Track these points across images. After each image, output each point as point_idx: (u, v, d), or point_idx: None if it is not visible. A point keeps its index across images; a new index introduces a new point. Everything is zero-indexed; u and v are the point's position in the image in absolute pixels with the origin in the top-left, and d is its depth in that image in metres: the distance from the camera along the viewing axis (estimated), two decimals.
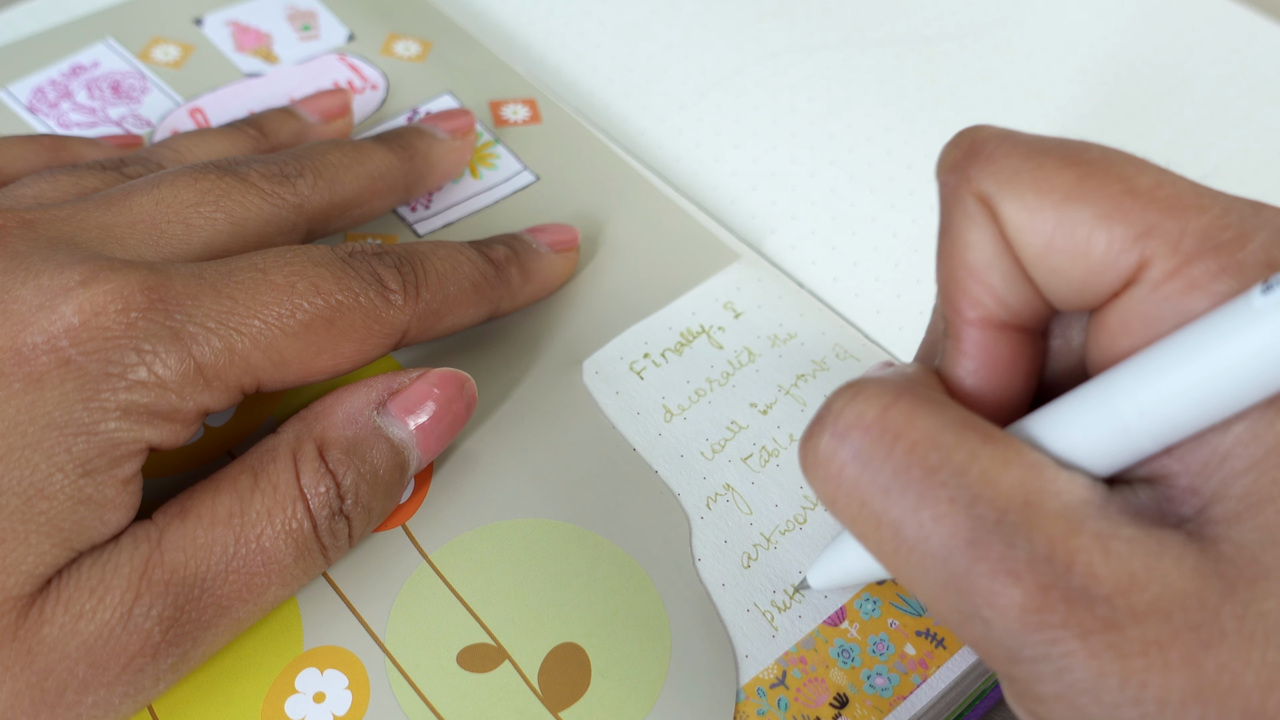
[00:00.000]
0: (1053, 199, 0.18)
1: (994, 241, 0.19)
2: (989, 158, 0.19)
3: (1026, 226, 0.19)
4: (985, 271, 0.20)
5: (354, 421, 0.24)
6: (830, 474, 0.19)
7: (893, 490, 0.18)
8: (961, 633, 0.18)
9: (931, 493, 0.17)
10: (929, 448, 0.18)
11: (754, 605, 0.25)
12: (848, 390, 0.19)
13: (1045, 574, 0.16)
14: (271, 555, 0.22)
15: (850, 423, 0.18)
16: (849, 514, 0.19)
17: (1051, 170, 0.19)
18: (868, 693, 0.24)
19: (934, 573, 0.17)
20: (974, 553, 0.17)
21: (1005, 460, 0.17)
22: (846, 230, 0.34)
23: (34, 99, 0.35)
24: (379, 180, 0.29)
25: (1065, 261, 0.19)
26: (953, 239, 0.20)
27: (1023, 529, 0.17)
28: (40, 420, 0.21)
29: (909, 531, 0.17)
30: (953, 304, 0.20)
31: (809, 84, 0.39)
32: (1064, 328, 0.21)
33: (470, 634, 0.24)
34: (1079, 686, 0.16)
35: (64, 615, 0.21)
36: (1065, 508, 0.17)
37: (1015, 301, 0.20)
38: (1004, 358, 0.20)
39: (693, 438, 0.28)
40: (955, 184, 0.20)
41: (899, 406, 0.18)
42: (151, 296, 0.22)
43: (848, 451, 0.18)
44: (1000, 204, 0.19)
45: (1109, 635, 0.16)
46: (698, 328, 0.30)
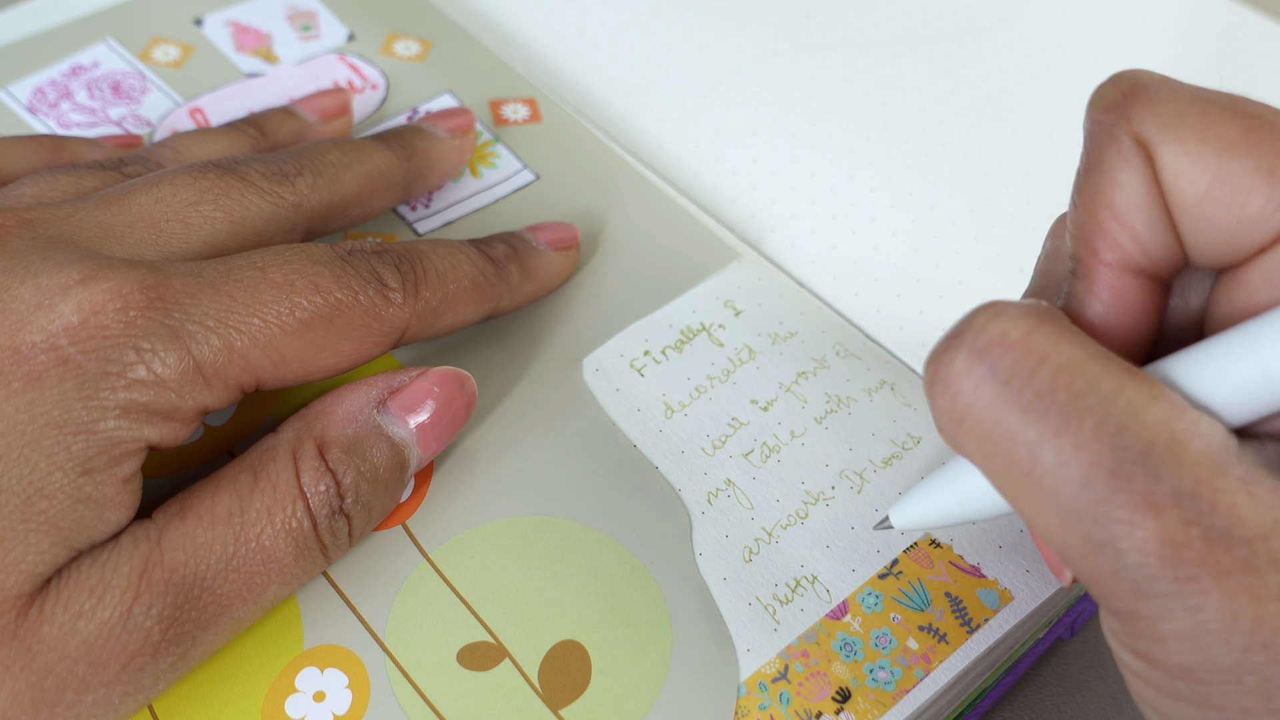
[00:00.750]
0: (1216, 147, 0.18)
1: (1145, 185, 0.19)
2: (1151, 100, 0.19)
3: (1185, 173, 0.18)
4: (1131, 214, 0.19)
5: (354, 420, 0.24)
6: (963, 391, 0.18)
7: (1034, 411, 0.17)
8: (1085, 564, 0.17)
9: (1076, 418, 0.17)
10: (1075, 373, 0.17)
11: (755, 599, 0.25)
12: (989, 308, 0.19)
13: (1189, 510, 0.16)
14: (271, 554, 0.22)
15: (992, 339, 0.18)
16: (978, 433, 0.18)
17: (1217, 119, 0.18)
18: (870, 687, 0.24)
19: (1067, 500, 0.17)
20: (1116, 483, 0.17)
21: (1151, 396, 0.17)
22: (846, 229, 0.34)
23: (34, 99, 0.35)
24: (378, 179, 0.29)
25: (1219, 212, 0.18)
26: (1100, 178, 0.20)
27: (1169, 463, 0.16)
28: (39, 419, 0.21)
29: (1046, 456, 0.17)
30: (1089, 244, 0.20)
31: (809, 84, 0.39)
32: (1184, 286, 0.21)
33: (470, 632, 0.24)
34: (1208, 627, 0.16)
35: (64, 614, 0.20)
36: (1209, 449, 0.17)
37: (1155, 248, 0.19)
38: (1134, 304, 0.20)
39: (693, 434, 0.28)
40: (1112, 123, 0.19)
41: (1045, 330, 0.18)
42: (150, 295, 0.22)
43: (986, 368, 0.18)
44: (1160, 147, 0.19)
45: (1247, 578, 0.16)
46: (698, 325, 0.30)
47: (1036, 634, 0.27)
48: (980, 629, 0.25)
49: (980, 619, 0.25)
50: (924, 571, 0.25)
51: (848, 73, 0.39)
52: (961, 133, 0.37)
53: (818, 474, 0.27)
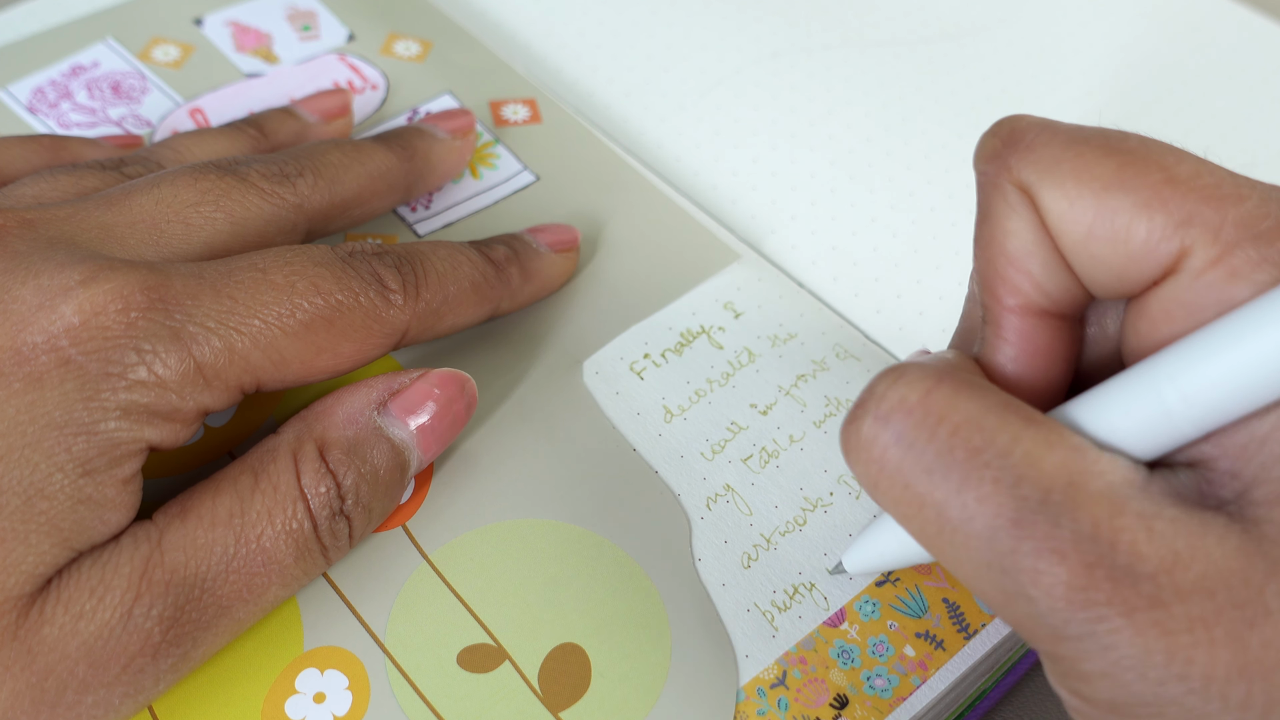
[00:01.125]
0: (1093, 187, 0.18)
1: (1033, 230, 0.19)
2: (1029, 146, 0.19)
3: (1067, 215, 0.19)
4: (1025, 259, 0.20)
5: (354, 422, 0.24)
6: (873, 457, 0.19)
7: (936, 472, 0.18)
8: (1005, 612, 0.18)
9: (975, 474, 0.17)
10: (972, 430, 0.18)
11: (754, 605, 0.25)
12: (890, 374, 0.19)
13: (1090, 552, 0.16)
14: (272, 555, 0.22)
15: (893, 406, 0.19)
16: (891, 496, 0.19)
17: (1091, 159, 0.19)
18: (867, 693, 0.24)
19: (978, 553, 0.17)
20: (1019, 532, 0.17)
21: (1048, 442, 0.18)
22: (846, 231, 0.34)
23: (34, 99, 0.35)
24: (379, 180, 0.29)
25: (1105, 249, 0.19)
26: (992, 227, 0.20)
27: (1067, 508, 0.17)
28: (40, 420, 0.21)
29: (953, 513, 0.18)
30: (992, 291, 0.20)
31: (809, 84, 0.39)
32: (1099, 315, 0.21)
33: (470, 634, 0.24)
34: (1125, 663, 0.16)
35: (64, 615, 0.20)
36: (1108, 488, 0.17)
37: (1054, 289, 0.20)
38: (1043, 344, 0.20)
39: (693, 438, 0.28)
40: (995, 172, 0.20)
41: (942, 390, 0.18)
42: (151, 296, 0.22)
43: (890, 435, 0.18)
44: (1040, 192, 0.19)
45: (1154, 612, 0.16)
46: (698, 328, 0.30)
47: None
48: (977, 635, 0.25)
49: (977, 625, 0.25)
50: (921, 578, 0.26)
51: (848, 73, 0.39)
52: (962, 133, 0.37)
53: (816, 480, 0.27)
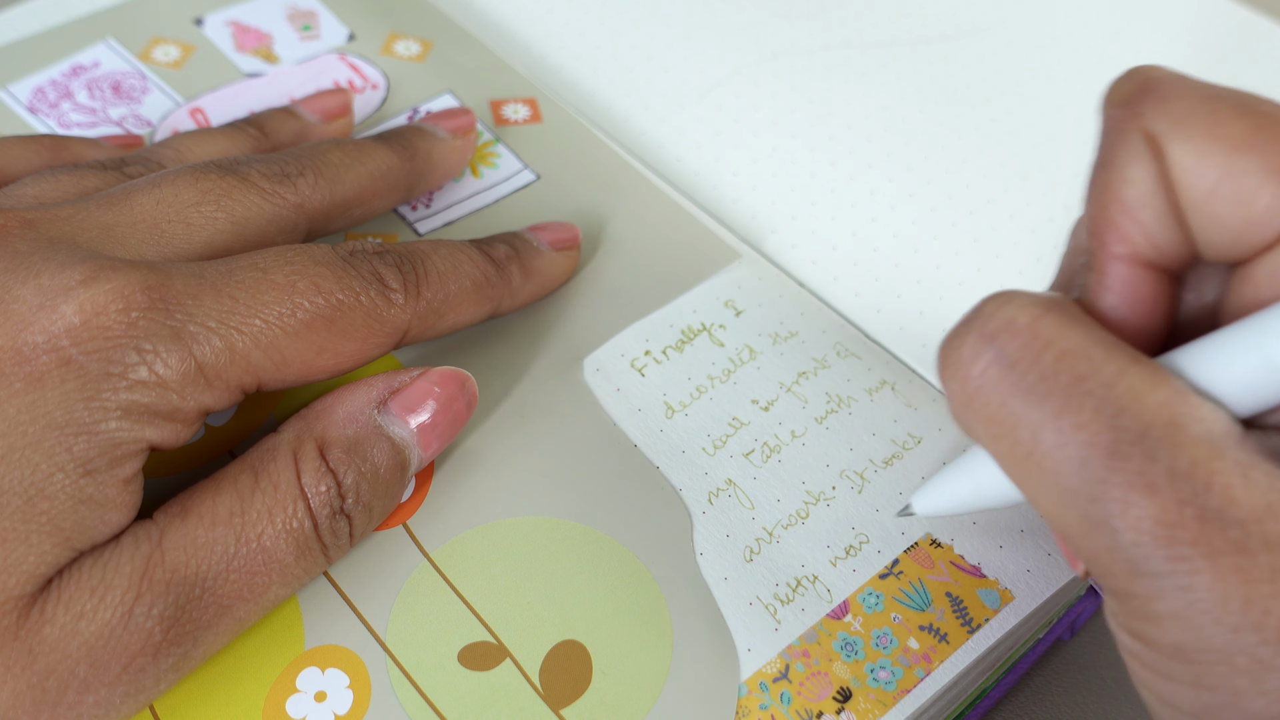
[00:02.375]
0: (1224, 145, 0.18)
1: (1154, 180, 0.19)
2: (1162, 97, 0.19)
3: (1193, 169, 0.19)
4: (1140, 209, 0.20)
5: (355, 420, 0.24)
6: (972, 374, 0.19)
7: (1036, 394, 0.18)
8: (1083, 543, 0.18)
9: (1076, 401, 0.18)
10: (1078, 358, 0.18)
11: (756, 599, 0.25)
12: (999, 297, 0.19)
13: (1184, 490, 0.17)
14: (272, 554, 0.22)
15: (1000, 325, 0.19)
16: (984, 415, 0.19)
17: (1226, 117, 0.19)
18: (871, 687, 0.24)
19: (1066, 479, 0.17)
20: (1113, 463, 0.17)
21: (1153, 381, 0.18)
22: (847, 231, 0.34)
23: (34, 99, 0.35)
24: (380, 179, 0.29)
25: (1226, 209, 0.19)
26: (1111, 173, 0.20)
27: (1165, 445, 0.17)
28: (41, 420, 0.21)
29: (1047, 436, 0.18)
30: (1101, 238, 0.20)
31: (809, 85, 0.39)
32: (1199, 281, 0.21)
33: (471, 632, 0.24)
34: (1200, 606, 0.16)
35: (65, 615, 0.20)
36: (1208, 433, 0.17)
37: (1165, 242, 0.20)
38: (1145, 296, 0.20)
39: (694, 434, 0.28)
40: (1124, 119, 0.20)
41: (1050, 317, 0.18)
42: (152, 296, 0.22)
43: (993, 353, 0.19)
44: (1169, 144, 0.19)
45: (1239, 558, 0.16)
46: (699, 325, 0.30)
47: (1036, 634, 0.27)
48: (981, 629, 0.25)
49: (981, 619, 0.25)
50: (925, 571, 0.26)
51: (848, 74, 0.39)
52: (962, 134, 0.37)
53: (818, 474, 0.27)
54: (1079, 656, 0.28)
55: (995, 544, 0.26)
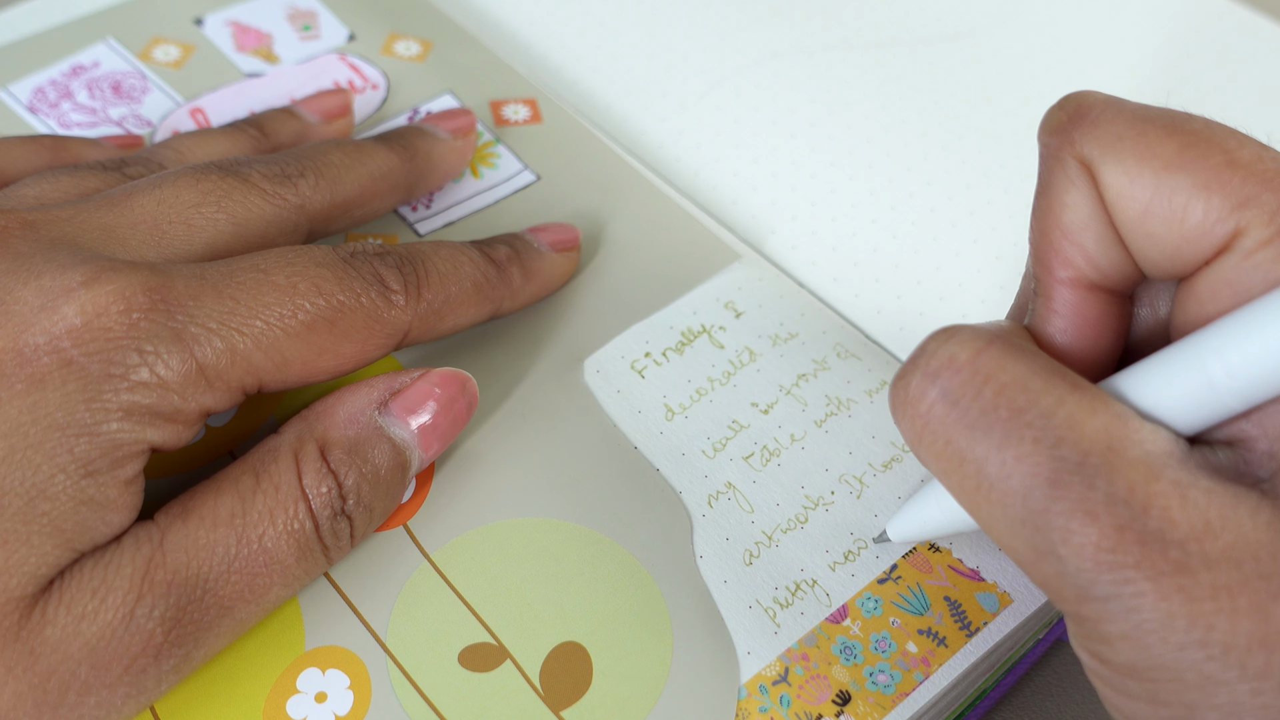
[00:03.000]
0: (1154, 166, 0.19)
1: (1091, 204, 0.20)
2: (1094, 122, 0.20)
3: (1125, 191, 0.19)
4: (1080, 233, 0.20)
5: (355, 421, 0.24)
6: (919, 412, 0.19)
7: (979, 429, 0.18)
8: (1034, 571, 0.18)
9: (1016, 433, 0.18)
10: (1018, 390, 0.18)
11: (756, 602, 0.25)
12: (942, 334, 0.20)
13: (1122, 515, 0.17)
14: (273, 555, 0.23)
15: (943, 363, 0.19)
16: (933, 452, 0.19)
17: (1155, 138, 0.19)
18: (870, 690, 0.24)
19: (1012, 509, 0.18)
20: (1054, 492, 0.17)
21: (1091, 408, 0.18)
22: (847, 231, 0.34)
23: (34, 99, 0.35)
24: (380, 180, 0.29)
25: (1161, 227, 0.19)
26: (1050, 199, 0.21)
27: (1103, 471, 0.17)
28: (42, 421, 0.21)
29: (991, 469, 0.18)
30: (1045, 263, 0.21)
31: (809, 85, 0.39)
32: (1151, 297, 0.22)
33: (472, 633, 0.24)
34: (1147, 627, 0.17)
35: (66, 616, 0.20)
36: (1146, 456, 0.17)
37: (1107, 264, 0.20)
38: (1092, 318, 0.21)
39: (694, 436, 0.28)
40: (1058, 146, 0.20)
41: (991, 350, 0.19)
42: (153, 297, 0.22)
43: (937, 391, 0.19)
44: (1101, 168, 0.20)
45: (1180, 578, 0.16)
46: (699, 327, 0.30)
47: (1036, 635, 0.27)
48: (979, 632, 0.25)
49: (979, 622, 0.25)
50: (923, 576, 0.26)
51: (848, 74, 0.39)
52: (961, 135, 0.37)
53: (817, 478, 0.27)
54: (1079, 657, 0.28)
55: (994, 547, 0.26)
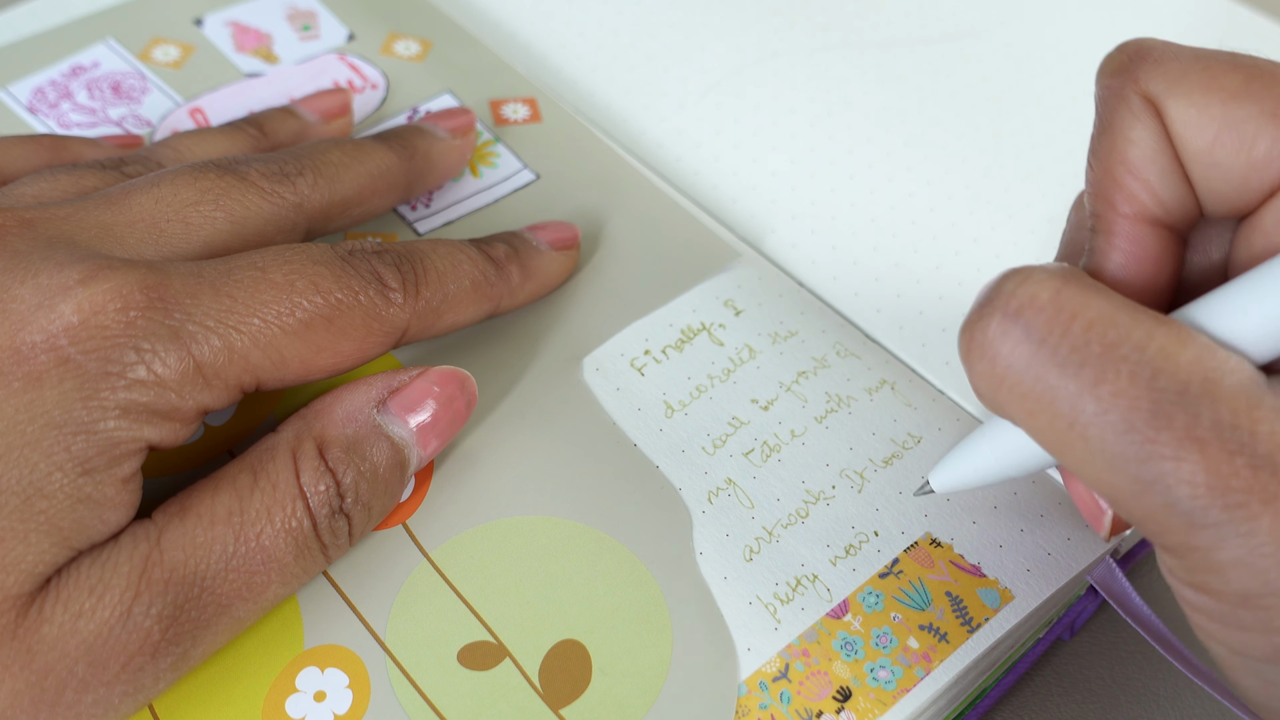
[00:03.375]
0: (1220, 96, 0.19)
1: (1156, 139, 0.20)
2: (1156, 60, 0.20)
3: (1193, 123, 0.20)
4: (1144, 168, 0.20)
5: (354, 420, 0.24)
6: (1000, 354, 0.19)
7: (1070, 366, 0.18)
8: (1136, 505, 0.18)
9: (1112, 367, 0.18)
10: (1107, 325, 0.18)
11: (756, 598, 0.25)
12: (1016, 274, 0.19)
13: (1231, 442, 0.17)
14: (271, 554, 0.22)
15: (1024, 302, 0.19)
16: (1018, 393, 0.19)
17: (1219, 71, 0.19)
18: (871, 686, 0.24)
19: (1112, 445, 0.18)
20: (1158, 423, 0.17)
21: (1180, 340, 0.18)
22: (846, 230, 0.34)
23: (34, 99, 0.35)
24: (379, 179, 0.29)
25: (1229, 157, 0.19)
26: (1114, 136, 0.21)
27: (1206, 401, 0.17)
28: (39, 419, 0.21)
29: (1087, 406, 0.18)
30: (1108, 199, 0.21)
31: (809, 85, 0.39)
32: (1204, 241, 0.22)
33: (471, 632, 0.24)
34: (1263, 550, 0.17)
35: (63, 614, 0.20)
36: (1242, 384, 0.18)
37: (1170, 199, 0.20)
38: (1153, 254, 0.21)
39: (694, 433, 0.28)
40: (1120, 84, 0.21)
41: (1071, 288, 0.19)
42: (151, 295, 0.22)
43: (1020, 331, 0.19)
44: (1167, 102, 0.20)
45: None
46: (698, 325, 0.30)
47: (1036, 634, 0.27)
48: (981, 628, 0.25)
49: (981, 618, 0.25)
50: (924, 571, 0.25)
51: (847, 74, 0.39)
52: (961, 135, 0.37)
53: (818, 473, 0.27)
54: (1079, 656, 0.28)
55: (995, 543, 0.26)
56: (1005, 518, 0.26)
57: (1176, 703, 0.27)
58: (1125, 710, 0.27)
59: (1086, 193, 0.22)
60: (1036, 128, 0.38)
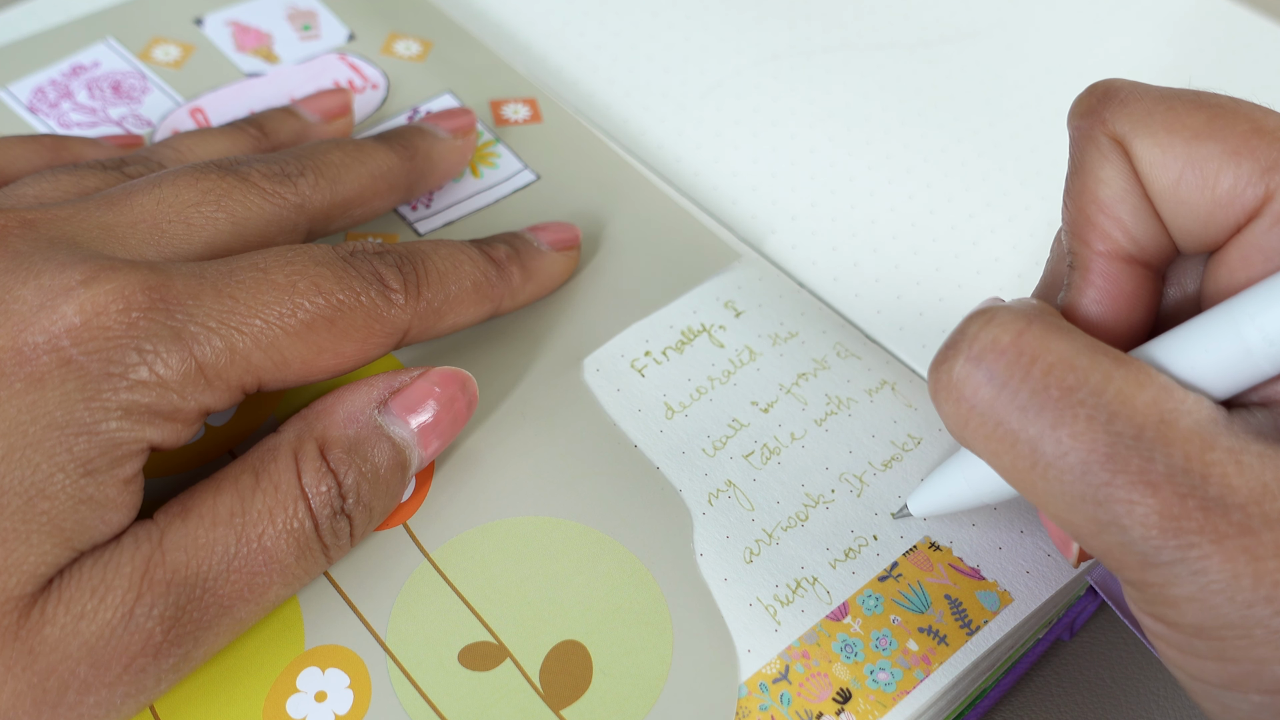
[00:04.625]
0: (1184, 136, 0.20)
1: (1125, 178, 0.21)
2: (1123, 101, 0.21)
3: (1158, 162, 0.20)
4: (1116, 206, 0.21)
5: (355, 420, 0.24)
6: (964, 396, 0.19)
7: (1030, 410, 0.19)
8: (1094, 542, 0.19)
9: (1070, 411, 0.18)
10: (1065, 369, 0.19)
11: (756, 600, 0.25)
12: (980, 316, 0.20)
13: (1183, 484, 0.17)
14: (273, 554, 0.22)
15: (986, 346, 0.19)
16: (982, 434, 0.19)
17: (1183, 111, 0.20)
18: (870, 688, 0.24)
19: (1071, 486, 0.18)
20: (1113, 466, 0.18)
21: (1138, 381, 0.18)
22: (846, 232, 0.34)
23: (34, 99, 0.35)
24: (380, 179, 0.29)
25: (1194, 194, 0.20)
26: (1085, 177, 0.21)
27: (1160, 443, 0.18)
28: (41, 420, 0.21)
29: (1047, 448, 0.18)
30: (1082, 238, 0.22)
31: (809, 87, 0.39)
32: (1179, 276, 0.22)
33: (471, 632, 0.24)
34: (1214, 588, 0.17)
35: (65, 615, 0.20)
36: (1197, 425, 0.18)
37: (1142, 236, 0.21)
38: (1127, 290, 0.21)
39: (694, 435, 0.28)
40: (1089, 125, 0.21)
41: (1033, 331, 0.19)
42: (153, 296, 0.22)
43: (983, 374, 0.19)
44: (1133, 142, 0.20)
45: (1244, 539, 0.17)
46: (699, 326, 0.30)
47: (1036, 635, 0.27)
48: (980, 630, 0.25)
49: (980, 620, 0.25)
50: (924, 574, 0.26)
51: (847, 76, 0.39)
52: (961, 137, 0.37)
53: (817, 476, 0.27)
54: (1079, 656, 0.28)
55: (994, 546, 0.26)
56: (1004, 520, 0.26)
57: (1176, 702, 0.27)
58: (1125, 710, 0.27)
59: (1063, 230, 0.22)
60: (1037, 131, 0.38)
